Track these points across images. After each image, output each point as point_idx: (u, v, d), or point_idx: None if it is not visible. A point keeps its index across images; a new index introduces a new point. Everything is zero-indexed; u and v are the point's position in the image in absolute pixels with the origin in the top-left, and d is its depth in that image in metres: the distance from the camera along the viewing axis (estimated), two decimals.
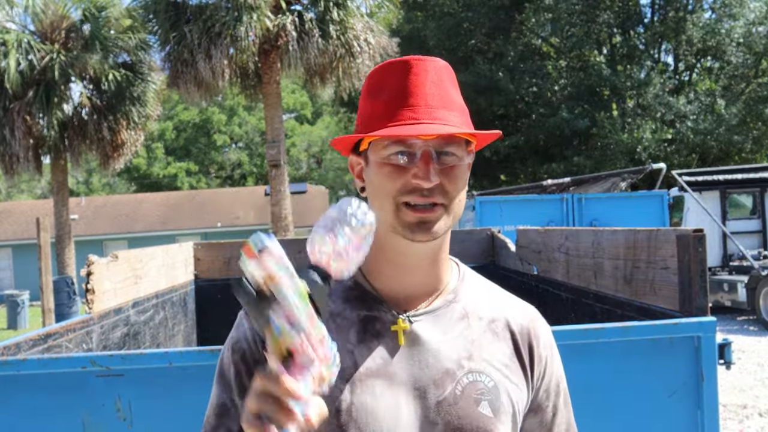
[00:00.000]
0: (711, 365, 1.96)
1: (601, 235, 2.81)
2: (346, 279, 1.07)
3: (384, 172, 1.07)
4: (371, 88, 1.12)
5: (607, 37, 22.46)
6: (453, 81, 1.13)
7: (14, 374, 1.88)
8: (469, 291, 1.18)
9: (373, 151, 1.09)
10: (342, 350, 1.02)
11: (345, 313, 1.11)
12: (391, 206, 1.06)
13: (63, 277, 14.20)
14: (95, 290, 2.75)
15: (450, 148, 1.06)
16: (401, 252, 1.10)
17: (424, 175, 1.03)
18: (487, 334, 1.14)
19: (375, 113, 1.09)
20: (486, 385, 1.09)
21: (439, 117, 1.06)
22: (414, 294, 1.13)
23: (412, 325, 1.10)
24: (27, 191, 45.28)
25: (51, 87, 15.55)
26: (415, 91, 1.07)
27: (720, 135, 19.09)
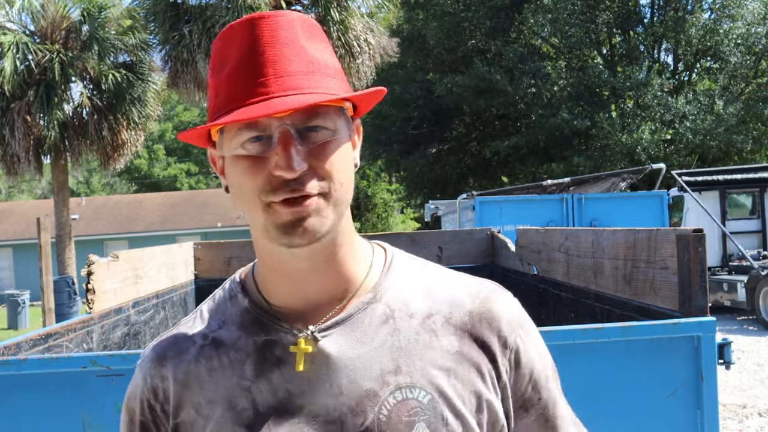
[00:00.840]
0: (710, 365, 1.96)
1: (600, 235, 2.81)
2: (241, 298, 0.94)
3: (240, 168, 0.85)
4: (213, 60, 0.90)
5: (606, 38, 22.46)
6: (312, 34, 0.88)
7: (15, 374, 1.88)
8: (397, 283, 0.94)
9: (224, 143, 0.87)
10: (238, 389, 0.89)
11: (239, 343, 0.91)
12: (258, 206, 0.84)
13: (63, 277, 14.21)
14: (95, 290, 2.76)
15: (316, 120, 0.84)
16: (283, 259, 0.89)
17: (285, 163, 0.81)
18: (421, 335, 0.90)
19: (219, 92, 0.87)
20: (420, 401, 0.87)
21: (295, 85, 0.83)
22: (317, 305, 0.91)
23: (320, 342, 0.88)
24: (27, 191, 45.27)
25: (51, 87, 15.55)
26: (260, 58, 0.83)
27: (719, 135, 19.10)
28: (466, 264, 4.69)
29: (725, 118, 19.02)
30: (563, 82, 20.78)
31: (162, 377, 0.92)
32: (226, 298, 0.97)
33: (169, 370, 0.92)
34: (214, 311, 0.97)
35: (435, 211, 16.06)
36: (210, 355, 0.92)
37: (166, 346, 0.95)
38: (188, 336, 0.95)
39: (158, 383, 0.92)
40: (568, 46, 22.15)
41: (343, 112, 0.88)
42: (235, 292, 0.97)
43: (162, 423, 0.92)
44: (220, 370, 0.91)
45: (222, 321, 0.95)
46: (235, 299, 0.96)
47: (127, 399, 0.96)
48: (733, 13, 20.35)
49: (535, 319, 3.48)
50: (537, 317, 3.59)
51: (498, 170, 24.48)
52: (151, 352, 0.95)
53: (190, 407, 0.90)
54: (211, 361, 0.91)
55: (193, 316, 0.99)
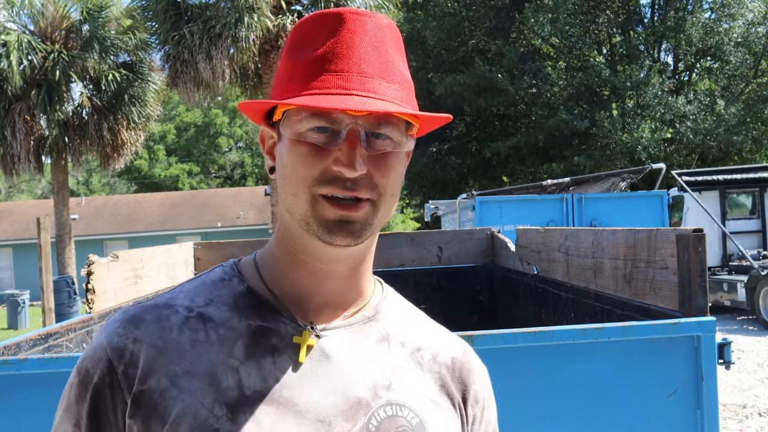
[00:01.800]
0: (710, 365, 1.96)
1: (600, 235, 2.81)
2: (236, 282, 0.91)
3: (298, 153, 0.84)
4: (293, 42, 0.89)
5: (606, 37, 22.47)
6: (398, 46, 0.89)
7: (15, 374, 1.88)
8: (392, 312, 0.97)
9: (287, 124, 0.85)
10: (223, 366, 0.84)
11: (231, 323, 0.88)
12: (305, 196, 0.83)
13: (63, 277, 14.22)
14: (95, 290, 2.76)
15: (385, 129, 0.84)
16: (315, 255, 0.88)
17: (348, 161, 0.81)
18: (410, 363, 0.93)
19: (294, 75, 0.86)
20: (409, 421, 0.87)
21: (375, 89, 0.83)
22: (327, 305, 0.91)
23: (321, 340, 0.88)
24: (27, 191, 45.28)
25: (52, 87, 15.56)
26: (347, 52, 0.83)
27: (719, 135, 19.10)
28: (466, 264, 4.70)
29: (726, 118, 19.03)
30: (563, 82, 20.78)
31: (135, 338, 0.85)
32: (216, 279, 0.93)
33: (144, 332, 0.85)
34: (198, 290, 0.92)
35: (435, 210, 16.06)
36: (195, 327, 0.87)
37: (143, 309, 0.88)
38: (169, 305, 0.89)
39: (128, 344, 0.84)
40: (568, 46, 22.16)
41: (409, 128, 0.88)
42: (230, 276, 0.93)
43: (120, 387, 0.84)
44: (206, 344, 0.86)
45: (209, 299, 0.90)
46: (228, 282, 0.92)
47: (82, 359, 0.87)
48: (733, 13, 20.35)
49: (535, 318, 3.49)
50: (537, 317, 3.59)
51: (498, 170, 24.48)
52: (122, 314, 0.88)
53: (162, 375, 0.83)
54: (196, 333, 0.86)
55: (172, 291, 0.94)
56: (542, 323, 3.32)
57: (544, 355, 1.93)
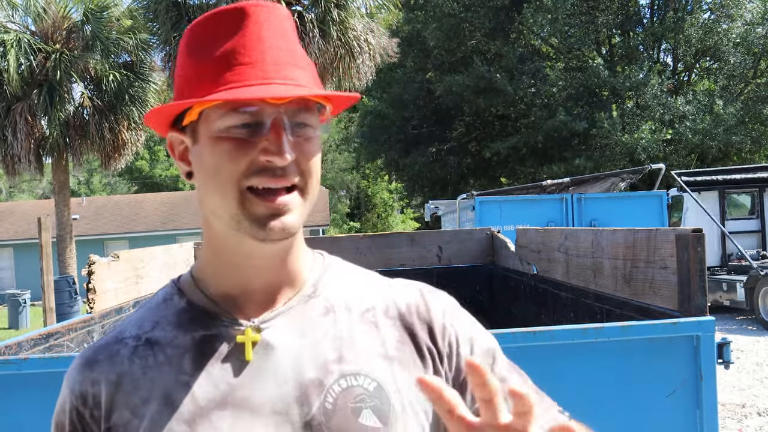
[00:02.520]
0: (710, 365, 1.97)
1: (600, 235, 2.81)
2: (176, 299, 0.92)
3: (222, 150, 0.82)
4: (194, 42, 0.87)
5: (606, 38, 22.47)
6: (294, 29, 0.90)
7: (16, 374, 1.88)
8: (334, 282, 0.95)
9: (205, 124, 0.84)
10: (175, 385, 0.86)
11: (176, 341, 0.89)
12: (233, 193, 0.82)
13: (64, 277, 14.22)
14: (96, 290, 2.76)
15: (304, 116, 0.84)
16: (248, 254, 0.88)
17: (277, 149, 0.80)
18: (360, 326, 0.91)
19: (204, 73, 0.84)
20: (366, 388, 0.86)
21: (291, 76, 0.83)
22: (265, 297, 0.91)
23: (263, 333, 0.88)
24: (28, 191, 45.28)
25: (53, 87, 15.57)
26: (258, 44, 0.83)
27: (719, 135, 19.10)
28: (466, 264, 4.70)
29: (725, 118, 19.03)
30: (563, 82, 20.79)
31: (92, 381, 0.88)
32: (159, 302, 0.96)
33: (99, 373, 0.88)
34: (145, 315, 0.94)
35: (435, 211, 16.06)
36: (144, 354, 0.89)
37: (95, 351, 0.92)
38: (119, 339, 0.92)
39: (87, 388, 0.88)
40: (567, 47, 22.16)
41: (319, 112, 0.88)
42: (171, 294, 0.95)
43: (91, 430, 0.88)
44: (156, 368, 0.88)
45: (155, 322, 0.92)
46: (170, 302, 0.94)
47: (55, 414, 0.92)
48: (732, 13, 20.35)
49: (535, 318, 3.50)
50: (537, 317, 3.60)
51: (498, 170, 24.48)
52: (78, 359, 0.92)
53: (123, 408, 0.86)
54: (146, 359, 0.88)
55: (121, 324, 0.96)
56: (542, 323, 3.33)
57: (544, 355, 1.93)
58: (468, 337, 0.94)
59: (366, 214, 38.33)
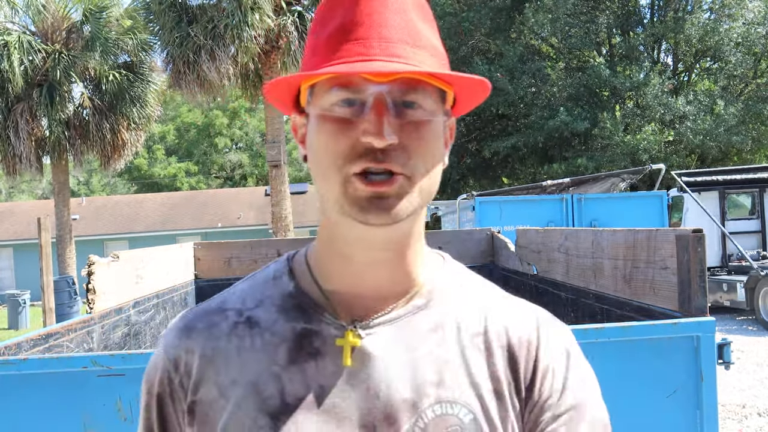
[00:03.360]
0: (710, 365, 1.97)
1: (600, 235, 2.81)
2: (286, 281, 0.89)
3: (326, 130, 0.78)
4: (315, 21, 0.84)
5: (606, 38, 22.48)
6: (424, 13, 0.83)
7: (15, 374, 1.88)
8: (451, 295, 0.89)
9: (313, 103, 0.81)
10: (266, 374, 0.83)
11: (276, 327, 0.85)
12: (337, 177, 0.77)
13: (64, 277, 14.22)
14: (96, 290, 2.76)
15: (414, 96, 0.78)
16: (353, 242, 0.83)
17: (375, 130, 0.75)
18: (468, 350, 0.85)
19: (317, 51, 0.81)
20: (461, 419, 0.81)
21: (399, 53, 0.77)
22: (372, 298, 0.85)
23: (364, 339, 0.83)
24: (27, 191, 45.28)
25: (53, 88, 15.58)
26: (367, 20, 0.78)
27: (719, 135, 19.11)
28: (466, 264, 4.69)
29: (725, 118, 19.03)
30: (563, 82, 20.79)
31: (186, 349, 0.86)
32: (269, 278, 0.91)
33: (196, 342, 0.86)
34: (252, 290, 0.91)
35: (435, 211, 16.06)
36: (242, 333, 0.86)
37: (195, 317, 0.89)
38: (222, 310, 0.89)
39: (181, 354, 0.86)
40: (568, 47, 22.16)
41: (442, 99, 0.82)
42: (281, 273, 0.91)
43: (178, 397, 0.86)
44: (251, 351, 0.85)
45: (260, 300, 0.89)
46: (279, 281, 0.90)
47: (147, 370, 0.90)
48: (733, 13, 20.36)
49: None
50: None
51: (498, 170, 24.49)
52: (178, 321, 0.90)
53: (212, 385, 0.84)
54: (243, 340, 0.86)
55: (229, 291, 0.93)
56: None
57: None
58: (573, 402, 0.86)
59: None
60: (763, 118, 20.10)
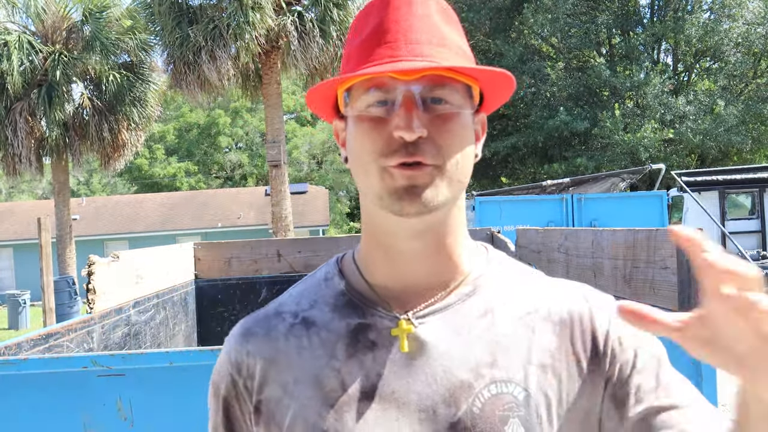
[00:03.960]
0: (710, 365, 1.96)
1: (600, 235, 2.81)
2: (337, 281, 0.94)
3: (363, 130, 0.84)
4: (351, 32, 0.92)
5: (606, 38, 22.48)
6: (448, 17, 0.90)
7: (15, 374, 1.88)
8: (496, 281, 0.92)
9: (351, 106, 0.87)
10: (327, 369, 0.87)
11: (332, 325, 0.90)
12: (376, 171, 0.83)
13: (64, 277, 14.23)
14: (96, 290, 2.76)
15: (442, 92, 0.83)
16: (393, 233, 0.88)
17: (405, 124, 0.80)
18: (519, 330, 0.88)
19: (351, 58, 0.88)
20: (515, 397, 0.84)
21: (425, 53, 0.83)
22: (419, 289, 0.90)
23: (418, 328, 0.87)
24: (27, 191, 45.29)
25: (53, 88, 15.57)
26: (394, 26, 0.85)
27: (719, 135, 19.11)
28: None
29: (725, 118, 19.04)
30: (563, 82, 20.79)
31: (248, 353, 0.92)
32: (321, 280, 0.97)
33: (255, 346, 0.92)
34: (305, 292, 0.96)
35: None
36: (299, 334, 0.91)
37: (254, 322, 0.95)
38: (278, 313, 0.94)
39: (243, 358, 0.92)
40: (568, 47, 22.16)
41: (470, 93, 0.87)
42: (332, 275, 0.96)
43: (243, 399, 0.91)
44: (310, 350, 0.89)
45: (314, 301, 0.94)
46: (330, 282, 0.95)
47: (213, 374, 0.96)
48: (733, 13, 20.36)
49: None
50: None
51: (498, 170, 24.49)
52: (238, 328, 0.96)
53: (275, 385, 0.89)
54: (301, 339, 0.91)
55: (283, 296, 0.98)
56: None
57: None
58: (632, 345, 0.89)
59: None
60: (763, 118, 20.10)
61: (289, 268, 4.54)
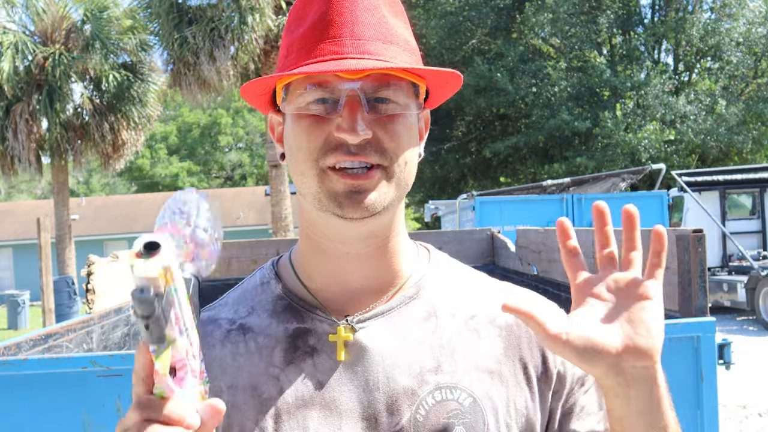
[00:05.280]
0: (710, 365, 1.96)
1: None
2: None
3: (301, 127, 0.80)
4: (290, 20, 0.86)
5: (607, 38, 22.47)
6: (395, 8, 0.85)
7: (15, 374, 1.88)
8: (439, 283, 0.90)
9: (289, 102, 0.83)
10: (264, 376, 0.84)
11: (269, 330, 0.86)
12: (313, 171, 0.80)
13: (63, 277, 14.21)
14: (95, 290, 2.76)
15: (386, 92, 0.80)
16: (334, 237, 0.84)
17: (349, 126, 0.77)
18: (464, 334, 0.86)
19: (291, 50, 0.83)
20: (461, 403, 0.81)
21: (371, 51, 0.79)
22: (360, 293, 0.87)
23: (357, 333, 0.84)
24: (27, 191, 45.28)
25: (53, 88, 15.56)
26: (339, 18, 0.80)
27: (720, 136, 19.10)
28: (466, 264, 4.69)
29: (726, 118, 19.03)
30: (564, 82, 20.79)
31: None
32: (257, 284, 0.93)
33: None
34: (242, 298, 0.93)
35: (435, 211, 16.06)
36: (236, 340, 0.87)
37: None
38: (214, 320, 0.91)
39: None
40: (568, 47, 22.16)
41: (415, 91, 0.84)
42: (268, 278, 0.93)
43: None
44: (246, 356, 0.86)
45: (251, 308, 0.90)
46: (267, 286, 0.92)
47: None
48: (734, 13, 20.35)
49: None
50: None
51: (498, 170, 24.48)
52: None
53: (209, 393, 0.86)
54: (237, 345, 0.87)
55: (219, 302, 0.95)
56: None
57: None
58: (576, 374, 0.88)
59: None
60: (763, 118, 20.10)
61: None
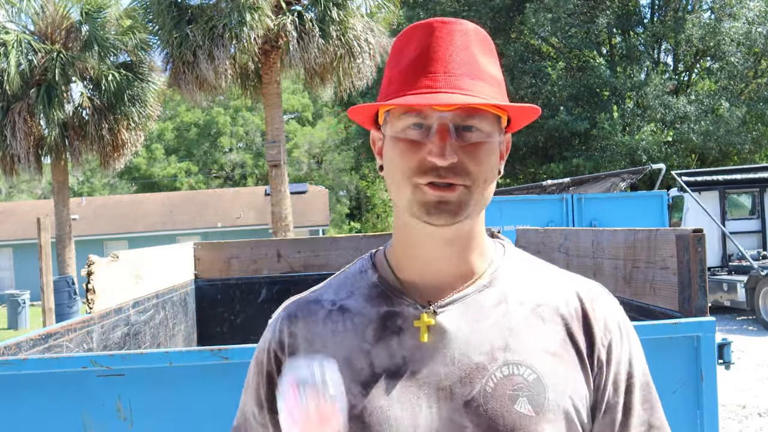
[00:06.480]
0: (710, 365, 1.96)
1: (600, 235, 2.81)
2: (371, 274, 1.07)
3: (398, 149, 0.96)
4: (392, 54, 1.02)
5: (606, 38, 22.46)
6: (485, 47, 0.99)
7: (15, 374, 1.88)
8: (511, 274, 1.04)
9: (389, 124, 0.99)
10: (357, 351, 0.99)
11: (364, 311, 1.02)
12: (408, 186, 0.95)
13: (63, 277, 14.21)
14: (96, 290, 2.76)
15: (473, 121, 0.94)
16: (422, 238, 1.00)
17: (438, 152, 0.91)
18: (530, 320, 0.99)
19: (392, 81, 0.99)
20: (525, 378, 0.95)
21: (461, 86, 0.94)
22: (442, 284, 1.01)
23: (438, 317, 0.98)
24: (27, 191, 45.26)
25: (52, 87, 15.55)
26: (435, 56, 0.95)
27: (720, 136, 19.09)
28: None
29: (727, 118, 19.01)
30: (563, 82, 20.77)
31: (290, 333, 1.04)
32: (356, 272, 1.09)
33: (298, 327, 1.04)
34: (343, 283, 1.08)
35: None
36: (336, 319, 1.03)
37: (296, 307, 1.07)
38: (318, 300, 1.07)
39: (285, 338, 1.04)
40: (568, 47, 22.15)
41: (498, 121, 0.98)
42: (366, 268, 1.08)
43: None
44: (343, 333, 1.01)
45: (350, 292, 1.06)
46: (364, 274, 1.07)
47: (257, 351, 1.08)
48: (734, 12, 20.33)
49: None
50: None
51: None
52: (282, 311, 1.08)
53: None
54: (336, 324, 1.03)
55: (324, 285, 1.11)
56: None
57: None
58: (626, 372, 1.01)
59: (366, 214, 38.33)
60: (764, 119, 20.08)
61: (288, 269, 4.54)
